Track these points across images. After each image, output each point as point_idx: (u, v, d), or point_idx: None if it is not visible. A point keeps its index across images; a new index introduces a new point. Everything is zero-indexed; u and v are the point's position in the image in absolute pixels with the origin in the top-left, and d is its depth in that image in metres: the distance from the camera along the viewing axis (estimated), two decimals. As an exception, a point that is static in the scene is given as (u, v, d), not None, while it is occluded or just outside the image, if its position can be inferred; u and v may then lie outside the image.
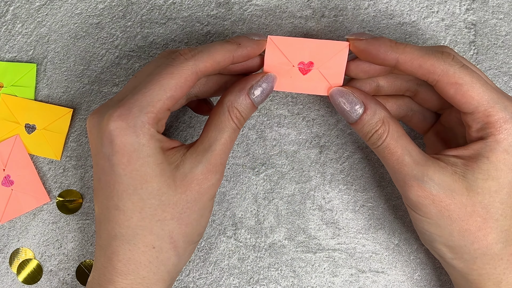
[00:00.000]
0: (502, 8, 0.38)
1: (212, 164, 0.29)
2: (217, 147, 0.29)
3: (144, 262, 0.28)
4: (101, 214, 0.29)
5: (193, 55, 0.28)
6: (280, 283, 0.37)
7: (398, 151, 0.28)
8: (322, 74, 0.32)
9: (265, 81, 0.30)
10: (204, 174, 0.29)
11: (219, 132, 0.29)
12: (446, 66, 0.27)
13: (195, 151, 0.29)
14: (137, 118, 0.27)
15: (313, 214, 0.37)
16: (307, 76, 0.32)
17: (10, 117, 0.39)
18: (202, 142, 0.29)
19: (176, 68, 0.28)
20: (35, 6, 0.39)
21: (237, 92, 0.30)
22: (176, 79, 0.28)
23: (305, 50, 0.32)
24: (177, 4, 0.39)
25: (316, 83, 0.32)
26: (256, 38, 0.31)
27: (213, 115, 0.30)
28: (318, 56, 0.32)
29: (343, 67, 0.32)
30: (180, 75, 0.28)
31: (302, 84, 0.32)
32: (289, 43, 0.32)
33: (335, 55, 0.32)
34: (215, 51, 0.29)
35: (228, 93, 0.30)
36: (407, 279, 0.36)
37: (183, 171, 0.28)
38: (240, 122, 0.30)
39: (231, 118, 0.29)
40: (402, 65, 0.29)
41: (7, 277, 0.38)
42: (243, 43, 0.30)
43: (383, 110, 0.29)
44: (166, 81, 0.27)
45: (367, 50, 0.30)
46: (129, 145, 0.27)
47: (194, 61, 0.28)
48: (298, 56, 0.32)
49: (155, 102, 0.27)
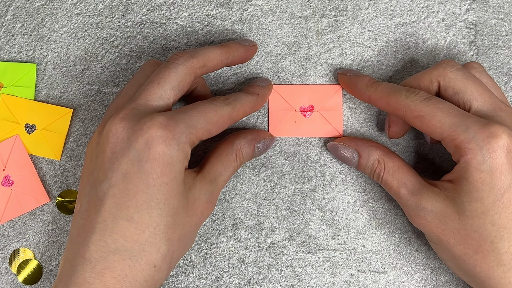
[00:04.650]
0: (503, 8, 0.38)
1: (213, 196, 0.31)
2: (220, 182, 0.31)
3: (139, 281, 0.26)
4: (97, 223, 0.26)
5: (230, 102, 0.31)
6: (280, 283, 0.37)
7: (394, 185, 0.31)
8: (323, 116, 0.36)
9: (270, 141, 0.35)
10: (207, 203, 0.30)
11: (224, 168, 0.32)
12: (408, 102, 0.29)
13: (203, 179, 0.30)
14: (182, 134, 0.27)
15: (313, 214, 0.37)
16: (309, 118, 0.36)
17: (10, 117, 0.39)
18: (209, 172, 0.31)
19: (220, 108, 0.30)
20: (35, 6, 0.39)
21: (249, 140, 0.33)
22: (217, 117, 0.29)
23: (304, 95, 0.36)
24: (177, 4, 0.39)
25: (319, 126, 0.36)
26: (247, 44, 0.35)
27: (221, 151, 0.32)
28: (316, 100, 0.36)
29: (341, 107, 0.36)
30: (221, 115, 0.30)
31: (306, 128, 0.36)
32: (289, 89, 0.37)
33: (331, 97, 0.36)
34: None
35: (240, 138, 0.33)
36: (407, 280, 0.36)
37: (194, 195, 0.29)
38: (241, 164, 0.33)
39: (236, 159, 0.32)
40: (374, 103, 0.32)
41: (7, 277, 0.38)
42: (236, 49, 0.33)
43: (376, 150, 0.32)
44: (210, 115, 0.29)
45: (348, 86, 0.35)
46: (168, 157, 0.26)
47: (232, 107, 0.31)
48: (298, 101, 0.36)
49: (198, 128, 0.28)
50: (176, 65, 0.30)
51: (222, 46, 0.33)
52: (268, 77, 0.38)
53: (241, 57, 0.34)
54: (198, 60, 0.31)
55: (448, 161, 0.37)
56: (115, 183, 0.26)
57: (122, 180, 0.26)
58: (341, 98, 0.36)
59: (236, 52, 0.33)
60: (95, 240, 0.26)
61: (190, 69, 0.30)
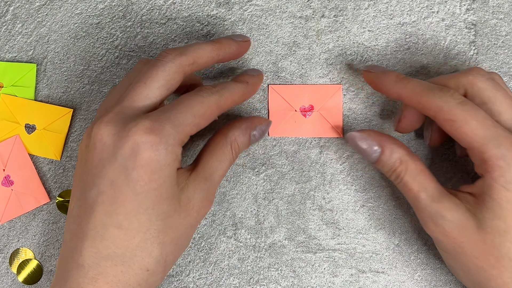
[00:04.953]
0: (503, 8, 0.38)
1: (210, 193, 0.30)
2: (216, 178, 0.30)
3: (133, 285, 0.26)
4: (88, 230, 0.26)
5: (217, 90, 0.30)
6: (280, 283, 0.37)
7: (415, 188, 0.29)
8: (323, 116, 0.36)
9: (266, 126, 0.33)
10: (203, 201, 0.29)
11: (220, 163, 0.30)
12: (440, 103, 0.28)
13: (197, 177, 0.29)
14: (169, 136, 0.26)
15: (313, 214, 0.37)
16: (309, 118, 0.36)
17: (10, 117, 0.39)
18: (203, 169, 0.30)
19: (206, 99, 0.29)
20: (35, 6, 0.39)
21: (243, 130, 0.31)
22: (204, 109, 0.28)
23: (304, 95, 0.36)
24: (177, 4, 0.39)
25: (319, 126, 0.36)
26: (239, 39, 0.33)
27: (215, 144, 0.31)
28: (316, 100, 0.36)
29: (341, 107, 0.36)
30: (208, 106, 0.29)
31: (306, 128, 0.36)
32: (289, 90, 0.37)
33: (331, 97, 0.36)
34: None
35: (233, 128, 0.31)
36: (407, 280, 0.36)
37: (187, 195, 0.28)
38: (237, 155, 0.31)
39: (232, 151, 0.31)
40: (404, 100, 0.30)
41: (7, 277, 0.38)
42: (228, 45, 0.32)
43: (400, 149, 0.30)
44: (196, 108, 0.28)
45: (375, 83, 0.33)
46: (156, 162, 0.26)
47: (219, 95, 0.29)
48: (298, 101, 0.36)
49: (185, 125, 0.27)
50: (164, 63, 0.29)
51: (214, 42, 0.31)
52: (268, 77, 0.38)
53: (234, 53, 0.33)
54: (188, 57, 0.30)
55: (448, 161, 0.37)
56: (103, 190, 0.26)
57: (110, 187, 0.26)
58: (341, 98, 0.36)
59: (228, 48, 0.32)
60: (87, 246, 0.26)
61: (179, 67, 0.29)
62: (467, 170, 0.36)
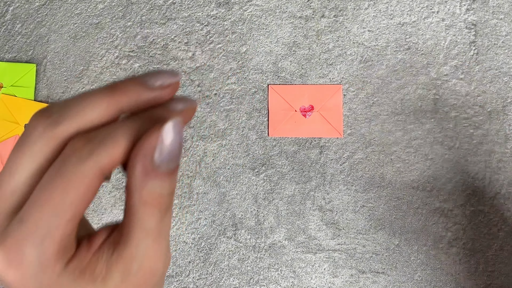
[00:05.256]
0: (503, 8, 0.38)
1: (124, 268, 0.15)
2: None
3: None
4: None
5: (88, 141, 0.15)
6: (280, 283, 0.37)
7: None
8: (323, 116, 0.37)
9: (173, 136, 0.15)
10: (123, 281, 0.15)
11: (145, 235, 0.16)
12: None
13: (120, 257, 0.14)
14: (32, 263, 0.14)
15: (313, 214, 0.37)
16: (309, 119, 0.37)
17: (9, 117, 0.38)
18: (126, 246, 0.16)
19: (79, 174, 0.11)
20: (34, 6, 0.39)
21: (142, 178, 0.15)
22: (74, 191, 0.15)
23: (304, 95, 0.37)
24: (177, 4, 0.39)
25: (319, 126, 0.37)
26: (159, 82, 0.15)
27: (130, 210, 0.15)
28: (316, 100, 0.37)
29: (341, 107, 0.36)
30: (81, 180, 0.14)
31: (306, 128, 0.37)
32: (289, 90, 0.37)
33: (331, 97, 0.37)
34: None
35: (137, 182, 0.16)
36: (407, 280, 0.36)
37: (114, 284, 0.16)
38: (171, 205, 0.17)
39: (151, 212, 0.16)
40: None
41: None
42: (135, 93, 0.15)
43: None
44: (58, 199, 0.13)
45: None
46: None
47: (92, 153, 0.14)
48: (298, 101, 0.37)
49: (53, 231, 0.15)
50: (31, 143, 0.15)
51: (111, 90, 0.14)
52: (268, 77, 0.38)
53: (148, 101, 0.17)
54: (66, 126, 0.15)
55: (448, 161, 0.37)
56: None
57: None
58: (341, 98, 0.36)
59: (134, 97, 0.16)
60: None
61: (51, 140, 0.15)
62: (468, 171, 0.36)
